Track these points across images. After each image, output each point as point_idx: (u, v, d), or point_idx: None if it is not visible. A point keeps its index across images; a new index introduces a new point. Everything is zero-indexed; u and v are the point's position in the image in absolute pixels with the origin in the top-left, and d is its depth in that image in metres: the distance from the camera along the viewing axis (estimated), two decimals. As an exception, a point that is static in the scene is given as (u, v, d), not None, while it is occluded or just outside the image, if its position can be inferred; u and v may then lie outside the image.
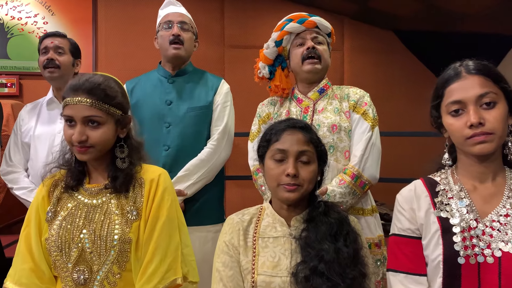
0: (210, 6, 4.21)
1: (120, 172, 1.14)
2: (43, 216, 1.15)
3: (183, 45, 1.78)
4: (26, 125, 1.86)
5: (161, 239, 1.12)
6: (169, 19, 1.81)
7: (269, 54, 1.70)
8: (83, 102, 1.08)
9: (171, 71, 1.84)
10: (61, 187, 1.17)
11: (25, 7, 3.93)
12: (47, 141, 1.81)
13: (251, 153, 1.67)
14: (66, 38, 1.91)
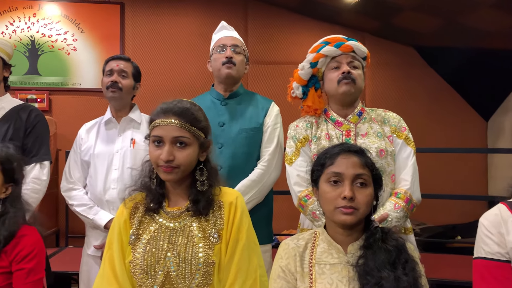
0: (234, 22, 4.25)
1: (201, 195, 1.17)
2: (125, 239, 1.19)
3: (236, 66, 1.86)
4: (86, 143, 1.93)
5: (242, 262, 1.15)
6: (223, 42, 1.90)
7: (303, 75, 1.74)
8: (173, 124, 1.14)
9: (224, 93, 1.92)
10: (142, 210, 1.21)
11: (55, 24, 4.05)
12: (105, 160, 1.88)
13: (294, 178, 1.65)
14: (130, 61, 2.00)
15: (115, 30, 4.12)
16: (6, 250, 1.31)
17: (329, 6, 4.15)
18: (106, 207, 1.86)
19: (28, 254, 1.31)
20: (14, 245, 1.32)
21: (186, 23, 4.24)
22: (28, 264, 1.31)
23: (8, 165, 1.37)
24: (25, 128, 1.80)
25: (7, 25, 3.97)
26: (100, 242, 1.85)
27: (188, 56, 4.19)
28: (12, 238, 1.32)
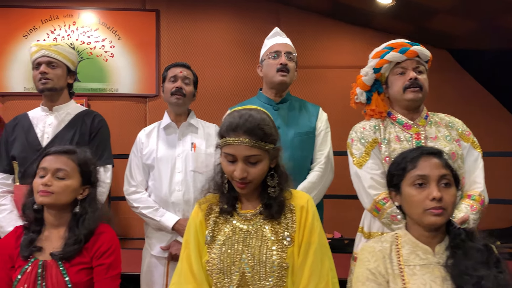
0: (266, 28, 4.31)
1: (273, 200, 1.20)
2: (201, 239, 1.23)
3: (289, 73, 1.90)
4: (147, 148, 1.98)
5: (315, 265, 1.17)
6: (277, 49, 1.93)
7: (367, 80, 1.76)
8: (244, 143, 1.15)
9: (274, 98, 1.95)
10: (216, 211, 1.25)
11: (94, 32, 4.17)
12: (169, 163, 1.93)
13: (368, 182, 1.63)
14: (190, 69, 2.05)
15: (150, 37, 4.22)
16: (87, 247, 1.37)
17: (362, 10, 4.17)
18: (171, 209, 1.90)
19: (106, 250, 1.37)
20: (94, 242, 1.38)
21: (220, 30, 4.31)
22: (107, 260, 1.36)
23: (86, 167, 1.43)
24: (90, 133, 1.87)
25: (48, 33, 4.11)
26: (166, 243, 1.90)
27: (222, 62, 4.25)
28: (91, 236, 1.38)
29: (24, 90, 4.05)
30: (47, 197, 1.34)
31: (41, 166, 1.38)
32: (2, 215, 1.74)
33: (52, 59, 1.87)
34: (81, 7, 4.17)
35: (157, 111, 4.20)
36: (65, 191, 1.36)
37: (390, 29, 4.30)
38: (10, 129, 1.87)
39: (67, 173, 1.37)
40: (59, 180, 1.36)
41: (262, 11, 4.35)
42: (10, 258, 1.36)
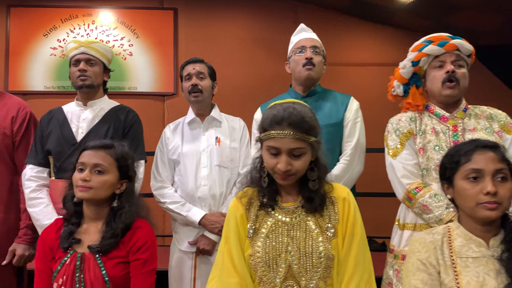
0: (284, 26, 4.33)
1: (314, 193, 1.20)
2: (243, 232, 1.23)
3: (315, 67, 1.88)
4: (172, 143, 1.99)
5: (359, 256, 1.17)
6: (302, 44, 1.93)
7: (405, 73, 1.75)
8: (289, 136, 1.14)
9: (302, 92, 1.94)
10: (257, 204, 1.25)
11: (112, 31, 4.19)
12: (194, 158, 1.93)
13: (401, 171, 1.65)
14: (204, 63, 2.05)
15: (168, 35, 4.23)
16: (124, 241, 1.37)
17: (381, 7, 4.14)
18: (198, 203, 1.90)
19: (143, 245, 1.37)
20: (130, 236, 1.38)
21: (238, 28, 4.30)
22: (143, 255, 1.37)
23: (124, 162, 1.43)
24: (123, 128, 1.87)
25: (68, 32, 4.13)
26: (193, 238, 1.90)
27: (240, 60, 4.24)
28: (128, 230, 1.38)
29: (44, 89, 4.08)
30: (86, 192, 1.35)
31: (80, 161, 1.39)
32: (38, 208, 1.75)
33: (91, 56, 1.88)
34: (100, 6, 4.19)
35: (175, 109, 4.21)
36: (103, 186, 1.37)
37: (410, 26, 4.27)
38: (45, 123, 1.88)
39: (105, 168, 1.38)
40: (98, 175, 1.37)
41: (280, 9, 4.34)
42: (51, 249, 1.38)
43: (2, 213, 1.85)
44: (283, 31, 4.50)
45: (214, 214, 1.88)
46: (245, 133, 2.04)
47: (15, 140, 1.91)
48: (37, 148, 1.84)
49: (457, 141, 1.61)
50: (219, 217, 1.86)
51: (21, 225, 1.87)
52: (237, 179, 1.94)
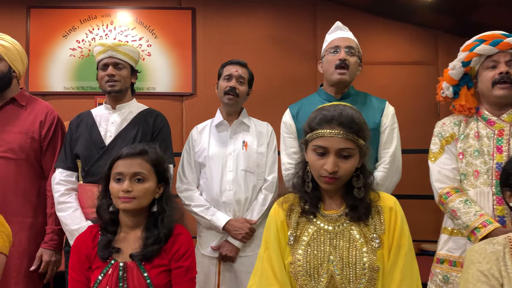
0: (303, 24, 4.30)
1: (359, 202, 1.16)
2: (283, 239, 1.19)
3: (348, 69, 1.81)
4: (199, 145, 1.96)
5: (406, 269, 1.13)
6: (336, 44, 1.84)
7: (454, 74, 1.69)
8: (339, 135, 1.12)
9: (334, 95, 1.88)
10: (298, 211, 1.21)
11: (130, 31, 4.19)
12: (220, 162, 1.90)
13: (435, 175, 1.63)
14: (246, 67, 2.01)
15: (187, 35, 4.21)
16: (165, 249, 1.34)
17: (402, 5, 4.06)
18: (222, 208, 1.87)
19: (185, 252, 1.34)
20: (172, 243, 1.35)
21: (256, 27, 4.27)
22: (185, 262, 1.33)
23: (160, 166, 1.40)
24: (152, 132, 1.85)
25: (87, 33, 4.14)
26: (216, 243, 1.88)
27: (259, 60, 4.20)
28: (170, 236, 1.35)
29: (63, 90, 4.09)
30: (130, 203, 1.32)
31: (116, 171, 1.35)
32: (67, 213, 1.74)
33: (119, 60, 1.86)
34: (118, 6, 4.19)
35: (194, 109, 4.19)
36: (145, 195, 1.34)
37: (431, 23, 4.19)
38: (74, 127, 1.87)
39: (145, 175, 1.35)
40: (138, 183, 1.34)
41: (298, 7, 4.28)
42: (87, 258, 1.34)
43: (30, 217, 1.85)
44: (302, 30, 4.47)
45: (238, 220, 1.85)
46: (272, 138, 2.00)
47: (43, 144, 1.90)
48: (66, 152, 1.83)
49: (501, 146, 1.55)
50: (243, 223, 1.83)
51: (47, 230, 1.86)
52: (263, 185, 1.92)
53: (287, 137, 1.89)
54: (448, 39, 4.26)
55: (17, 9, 4.09)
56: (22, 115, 1.90)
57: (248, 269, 1.83)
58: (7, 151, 1.82)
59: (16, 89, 1.96)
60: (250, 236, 1.84)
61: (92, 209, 1.74)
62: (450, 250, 1.59)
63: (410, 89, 4.25)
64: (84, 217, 1.74)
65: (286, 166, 1.85)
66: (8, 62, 1.89)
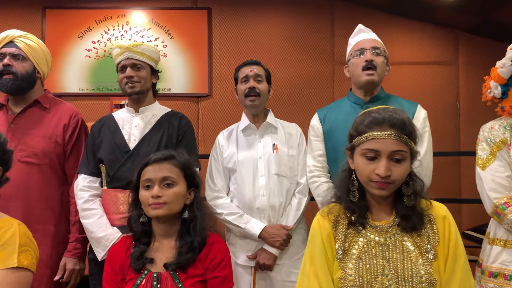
0: (320, 24, 4.23)
1: (410, 211, 1.11)
2: (330, 253, 1.14)
3: (376, 70, 1.76)
4: (227, 151, 1.90)
5: (464, 281, 1.08)
6: (362, 46, 1.80)
7: (503, 73, 1.61)
8: (391, 137, 1.07)
9: (363, 97, 1.82)
10: (344, 222, 1.16)
11: (146, 32, 4.15)
12: (250, 167, 1.84)
13: (489, 184, 1.54)
14: (261, 65, 1.96)
15: (203, 35, 4.16)
16: (200, 258, 1.29)
17: (422, 3, 3.97)
18: (256, 215, 1.81)
19: (221, 262, 1.29)
20: (207, 252, 1.30)
21: (273, 27, 4.21)
22: (221, 272, 1.28)
23: (189, 170, 1.36)
24: (177, 135, 1.81)
25: (102, 34, 4.11)
26: (252, 252, 1.81)
27: (276, 60, 4.14)
28: (204, 245, 1.31)
29: (79, 91, 4.07)
30: (160, 209, 1.27)
31: (145, 178, 1.31)
32: (92, 220, 1.69)
33: (137, 61, 1.82)
34: (134, 6, 4.16)
35: (210, 111, 4.15)
36: (176, 199, 1.29)
37: (452, 22, 4.09)
38: (96, 131, 1.82)
39: (174, 179, 1.31)
40: (168, 188, 1.29)
41: (316, 7, 4.22)
42: (121, 270, 1.30)
43: (53, 226, 1.80)
44: (319, 30, 4.40)
45: (274, 226, 1.79)
46: (302, 139, 1.94)
47: (67, 149, 1.86)
48: (88, 156, 1.79)
49: None
50: (280, 230, 1.77)
51: (71, 238, 1.81)
52: (296, 189, 1.86)
53: (314, 140, 1.85)
54: (469, 38, 4.17)
55: (32, 10, 4.07)
56: (45, 118, 1.86)
57: (284, 277, 1.78)
58: (30, 156, 1.78)
59: (39, 91, 1.93)
60: (287, 243, 1.78)
61: (117, 215, 1.71)
62: (505, 263, 1.51)
63: (430, 89, 4.17)
64: (110, 223, 1.69)
65: (311, 169, 1.81)
66: (33, 62, 1.86)
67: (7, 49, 1.82)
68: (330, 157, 1.80)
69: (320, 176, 1.79)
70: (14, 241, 1.20)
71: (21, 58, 1.83)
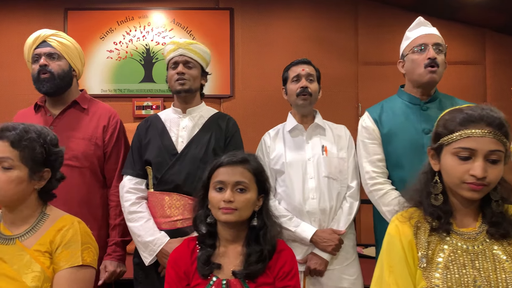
0: (344, 23, 4.17)
1: (500, 217, 1.05)
2: (411, 261, 1.07)
3: (438, 68, 1.69)
4: (274, 152, 1.85)
5: None
6: (423, 41, 1.72)
7: None
8: (489, 135, 1.00)
9: (420, 97, 1.76)
10: (426, 228, 1.09)
11: (168, 32, 4.12)
12: (299, 169, 1.78)
13: None
14: (312, 65, 1.91)
15: (225, 36, 4.12)
16: (270, 266, 1.23)
17: (448, 2, 3.90)
18: (306, 218, 1.75)
19: (290, 271, 1.23)
20: (276, 260, 1.25)
21: (295, 26, 4.16)
22: (291, 281, 1.23)
23: (261, 176, 1.31)
24: (225, 137, 1.76)
25: (124, 35, 4.08)
26: (302, 256, 1.75)
27: (298, 60, 4.09)
28: (274, 253, 1.25)
29: (101, 92, 4.04)
30: (231, 215, 1.22)
31: (218, 179, 1.26)
32: (139, 223, 1.64)
33: (189, 59, 1.77)
34: (156, 7, 4.13)
35: (232, 111, 4.09)
36: (247, 206, 1.24)
37: (480, 21, 4.02)
38: (143, 132, 1.77)
39: (247, 185, 1.25)
40: (240, 193, 1.24)
41: (339, 6, 4.16)
42: (186, 275, 1.24)
43: (96, 230, 1.72)
44: (342, 29, 4.34)
45: (325, 230, 1.73)
46: (351, 142, 1.87)
47: (106, 151, 1.81)
48: (134, 158, 1.74)
49: None
50: (331, 234, 1.71)
51: (110, 242, 1.76)
52: (347, 193, 1.80)
53: (370, 143, 1.77)
54: (497, 37, 4.09)
55: (54, 11, 4.05)
56: (84, 120, 1.82)
57: (335, 283, 1.72)
58: (71, 158, 1.72)
59: (76, 90, 1.89)
60: (339, 248, 1.72)
61: (164, 219, 1.66)
62: None
63: (457, 89, 4.08)
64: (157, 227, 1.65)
65: (371, 175, 1.73)
66: (68, 60, 1.82)
67: (42, 49, 1.79)
68: (391, 161, 1.73)
69: (384, 183, 1.71)
70: (77, 239, 1.22)
71: (56, 57, 1.79)
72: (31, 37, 1.81)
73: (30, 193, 1.25)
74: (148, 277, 1.66)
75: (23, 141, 1.21)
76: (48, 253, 1.21)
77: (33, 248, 1.21)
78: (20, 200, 1.23)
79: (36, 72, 1.77)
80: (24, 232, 1.24)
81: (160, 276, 1.63)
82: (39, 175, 1.25)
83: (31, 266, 1.18)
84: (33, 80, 1.80)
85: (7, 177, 1.18)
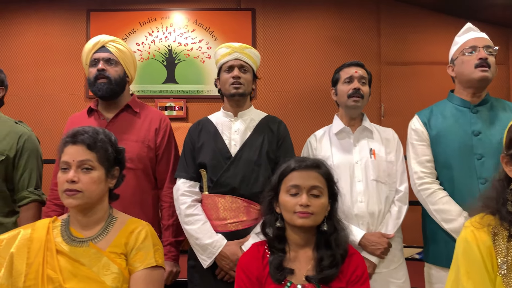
0: (366, 23, 4.18)
1: None
2: (490, 267, 1.07)
3: (490, 68, 1.71)
4: (320, 154, 1.86)
5: None
6: (474, 44, 1.75)
7: None
8: None
9: (471, 99, 1.78)
10: (502, 235, 1.09)
11: (190, 33, 4.12)
12: (347, 171, 1.79)
13: None
14: (364, 67, 1.91)
15: (246, 36, 4.12)
16: (342, 270, 1.25)
17: (470, 1, 3.90)
18: (354, 221, 1.75)
19: (362, 274, 1.24)
20: (348, 264, 1.26)
21: (317, 27, 4.16)
22: (363, 285, 1.24)
23: (331, 180, 1.31)
24: (277, 140, 1.77)
25: (146, 36, 4.09)
26: None
27: (320, 60, 4.10)
28: (346, 257, 1.26)
29: (124, 93, 4.04)
30: (308, 219, 1.23)
31: (292, 183, 1.26)
32: (196, 226, 1.65)
33: (244, 63, 1.80)
34: (178, 8, 4.13)
35: (254, 112, 4.11)
36: (322, 210, 1.25)
37: (503, 20, 4.02)
38: (196, 135, 1.79)
39: (321, 190, 1.26)
40: (315, 198, 1.25)
41: (361, 6, 4.16)
42: (258, 280, 1.25)
43: None
44: (364, 29, 4.34)
45: (374, 234, 1.73)
46: (399, 145, 1.88)
47: (158, 153, 1.83)
48: (187, 161, 1.75)
49: None
50: (380, 238, 1.71)
51: (164, 242, 1.77)
52: (395, 197, 1.80)
53: (419, 144, 1.79)
54: (519, 37, 4.09)
55: (77, 12, 4.06)
56: (137, 123, 1.84)
57: (383, 287, 1.73)
58: (126, 161, 1.74)
59: (127, 95, 1.92)
60: (388, 251, 1.73)
61: (219, 222, 1.67)
62: None
63: (479, 89, 4.10)
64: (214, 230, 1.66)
65: (419, 175, 1.75)
66: (124, 66, 1.85)
67: (100, 54, 1.82)
68: (439, 162, 1.75)
69: (432, 183, 1.73)
70: (149, 241, 1.26)
71: (113, 63, 1.83)
72: (91, 42, 1.85)
73: (106, 192, 1.29)
74: (203, 279, 1.67)
75: (97, 143, 1.26)
76: (124, 254, 1.24)
77: (108, 250, 1.23)
78: (99, 200, 1.27)
79: (93, 76, 1.79)
80: (97, 235, 1.26)
81: (217, 278, 1.64)
82: (112, 173, 1.31)
83: (110, 268, 1.20)
84: (88, 84, 1.83)
85: (90, 178, 1.23)
